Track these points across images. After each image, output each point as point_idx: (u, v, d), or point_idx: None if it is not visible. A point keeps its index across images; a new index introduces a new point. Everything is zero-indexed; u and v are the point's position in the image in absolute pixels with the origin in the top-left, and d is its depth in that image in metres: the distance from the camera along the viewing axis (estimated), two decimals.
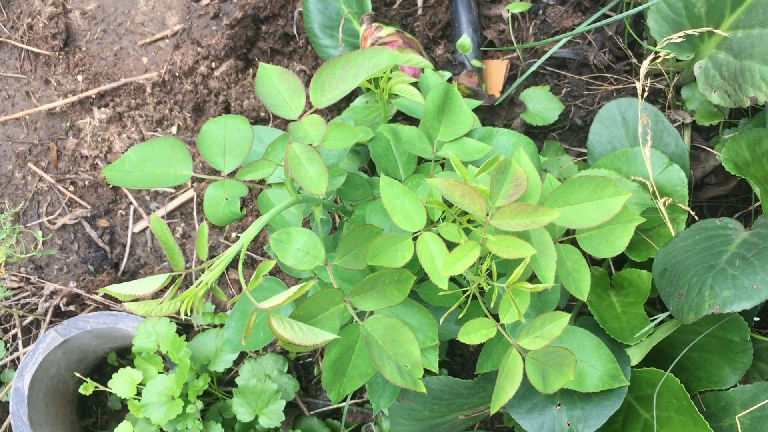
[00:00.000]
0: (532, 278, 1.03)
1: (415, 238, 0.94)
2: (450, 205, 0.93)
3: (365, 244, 0.95)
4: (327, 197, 1.10)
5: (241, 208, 0.97)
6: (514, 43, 1.60)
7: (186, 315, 0.81)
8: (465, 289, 0.99)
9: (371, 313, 0.96)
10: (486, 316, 0.99)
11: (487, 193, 0.90)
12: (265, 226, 1.07)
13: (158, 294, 1.52)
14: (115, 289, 0.79)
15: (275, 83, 0.89)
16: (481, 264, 0.96)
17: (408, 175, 1.13)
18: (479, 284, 0.95)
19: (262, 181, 1.02)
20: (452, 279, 1.07)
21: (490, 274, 0.96)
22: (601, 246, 1.07)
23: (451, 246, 0.92)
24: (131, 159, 0.90)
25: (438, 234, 0.93)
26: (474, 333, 0.95)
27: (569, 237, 1.09)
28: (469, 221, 0.93)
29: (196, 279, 1.65)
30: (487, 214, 0.88)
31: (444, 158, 1.12)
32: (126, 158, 0.90)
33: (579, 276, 1.05)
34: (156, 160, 0.90)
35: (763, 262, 1.05)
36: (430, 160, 1.13)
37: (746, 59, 1.20)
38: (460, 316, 1.04)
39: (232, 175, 0.97)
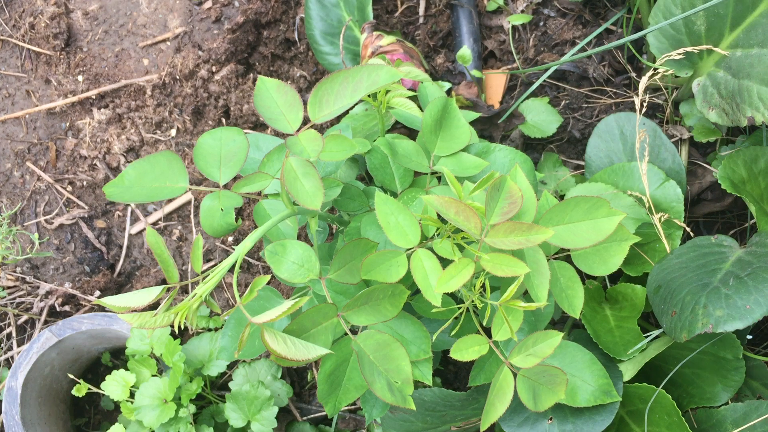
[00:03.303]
0: (526, 293, 1.03)
1: (409, 254, 0.94)
2: (444, 222, 0.93)
3: (360, 258, 0.96)
4: (323, 208, 1.10)
5: (237, 217, 0.98)
6: (514, 53, 1.60)
7: (179, 327, 0.81)
8: (459, 306, 1.00)
9: (364, 327, 0.96)
10: (479, 331, 0.99)
11: (482, 210, 0.90)
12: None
13: (153, 304, 1.53)
14: (110, 301, 0.79)
15: (273, 96, 0.90)
16: (476, 280, 0.96)
17: (404, 188, 1.13)
18: (473, 300, 0.96)
19: (259, 192, 1.02)
20: (447, 292, 1.07)
21: (484, 290, 0.96)
22: (596, 264, 1.07)
23: (445, 262, 0.92)
24: (130, 175, 0.91)
25: (432, 250, 0.94)
26: (466, 350, 0.95)
27: (564, 254, 1.09)
28: (463, 238, 0.94)
29: (192, 287, 1.65)
30: (482, 232, 0.89)
31: (440, 172, 1.13)
32: (125, 175, 0.91)
33: (572, 293, 1.05)
34: (154, 174, 0.91)
35: (757, 282, 1.05)
36: (427, 174, 1.13)
37: (744, 79, 1.21)
38: (454, 332, 1.04)
39: (229, 184, 0.97)
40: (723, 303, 1.04)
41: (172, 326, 1.57)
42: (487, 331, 1.02)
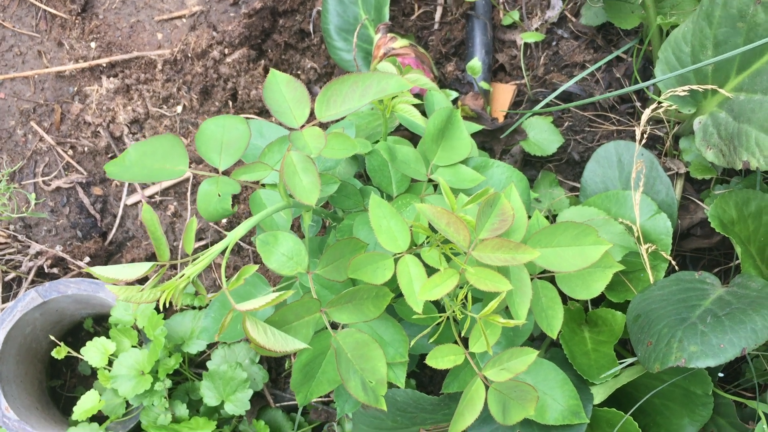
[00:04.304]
0: (507, 308, 1.05)
1: (397, 259, 0.96)
2: (435, 231, 0.95)
3: (349, 257, 0.97)
4: (318, 202, 1.11)
5: (233, 204, 0.99)
6: (524, 70, 1.62)
7: (164, 305, 0.83)
8: (440, 315, 1.01)
9: (345, 324, 0.98)
10: (456, 341, 1.01)
11: (473, 224, 0.92)
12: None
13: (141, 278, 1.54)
14: (99, 271, 0.81)
15: (282, 90, 0.91)
16: (459, 290, 0.98)
17: (400, 192, 1.15)
18: (454, 310, 0.97)
19: (256, 180, 1.04)
20: (429, 300, 1.09)
21: (465, 301, 0.98)
22: (578, 287, 1.09)
23: (430, 270, 0.94)
24: (131, 156, 0.92)
25: (419, 258, 0.95)
26: (442, 358, 0.97)
27: (548, 274, 1.11)
28: (451, 249, 0.95)
29: (181, 265, 1.67)
30: (470, 245, 0.90)
31: (437, 181, 1.14)
32: (127, 155, 0.92)
33: (552, 314, 1.07)
34: (155, 156, 0.92)
35: (734, 323, 1.07)
36: (424, 181, 1.15)
37: (744, 123, 1.22)
38: (432, 339, 1.06)
39: (229, 170, 0.98)
40: (698, 339, 1.06)
41: (156, 302, 1.58)
42: (465, 342, 1.04)
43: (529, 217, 1.06)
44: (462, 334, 1.04)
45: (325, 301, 0.96)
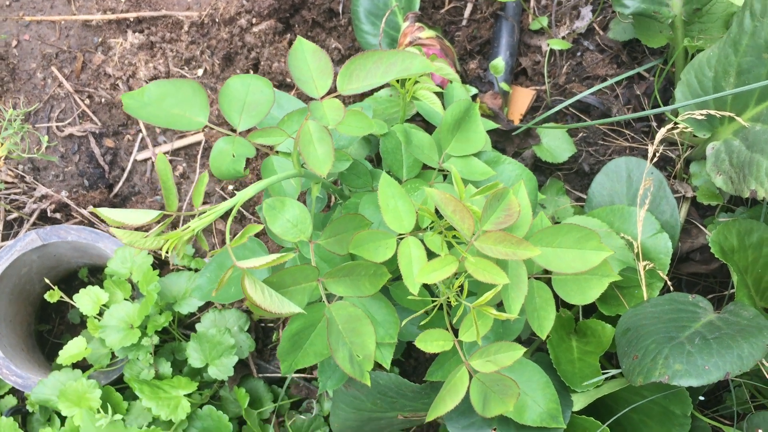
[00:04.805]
0: (500, 304, 1.06)
1: (399, 240, 0.97)
2: (440, 217, 0.96)
3: (352, 232, 0.98)
4: (328, 178, 1.12)
5: (245, 168, 1.00)
6: (546, 76, 1.62)
7: (166, 254, 0.84)
8: (434, 299, 1.02)
9: (340, 297, 0.99)
10: (447, 329, 1.02)
11: (478, 215, 0.93)
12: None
13: (144, 228, 1.54)
14: (106, 213, 0.82)
15: (308, 59, 0.92)
16: (456, 278, 0.99)
17: (410, 177, 1.16)
18: (448, 298, 0.98)
19: (270, 147, 1.05)
20: (425, 285, 1.10)
21: (460, 290, 0.99)
22: (573, 292, 1.10)
23: (431, 256, 0.95)
24: (151, 92, 0.91)
25: (422, 241, 0.96)
26: (431, 342, 0.98)
27: (545, 276, 1.12)
28: (454, 237, 0.96)
29: (183, 221, 1.68)
30: (473, 235, 0.91)
31: (447, 170, 1.15)
32: (146, 90, 0.91)
33: (544, 315, 1.08)
34: (175, 99, 0.91)
35: (721, 347, 1.08)
36: (434, 169, 1.16)
37: (757, 153, 1.23)
38: (423, 323, 1.07)
39: (244, 133, 0.99)
40: (684, 359, 1.07)
41: (154, 256, 1.60)
42: (455, 332, 1.05)
43: (533, 218, 1.07)
44: (453, 324, 1.05)
45: (323, 273, 0.97)
